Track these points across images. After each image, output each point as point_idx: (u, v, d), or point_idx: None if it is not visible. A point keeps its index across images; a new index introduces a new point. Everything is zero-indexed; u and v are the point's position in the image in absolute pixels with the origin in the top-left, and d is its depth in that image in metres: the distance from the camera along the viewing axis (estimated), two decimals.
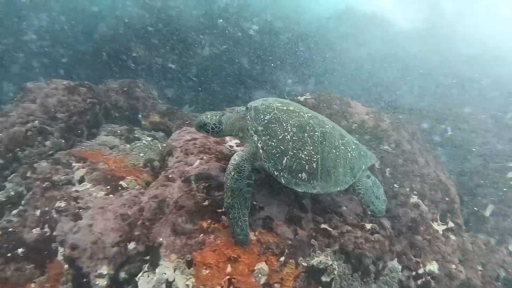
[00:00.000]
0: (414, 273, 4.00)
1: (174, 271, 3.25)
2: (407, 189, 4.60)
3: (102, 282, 3.44)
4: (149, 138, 5.84)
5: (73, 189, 4.09)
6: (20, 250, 3.53)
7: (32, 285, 3.38)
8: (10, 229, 3.75)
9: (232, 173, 3.30)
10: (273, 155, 3.34)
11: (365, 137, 4.73)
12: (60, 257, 3.52)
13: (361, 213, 4.06)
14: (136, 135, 5.84)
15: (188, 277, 3.22)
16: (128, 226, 3.66)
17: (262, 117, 3.46)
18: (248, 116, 3.54)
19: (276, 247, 3.38)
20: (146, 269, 3.39)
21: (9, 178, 4.62)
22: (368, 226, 3.92)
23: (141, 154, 5.24)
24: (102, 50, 8.50)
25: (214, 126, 3.61)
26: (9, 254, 3.50)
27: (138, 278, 3.36)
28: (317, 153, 3.45)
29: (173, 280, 3.22)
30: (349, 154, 3.73)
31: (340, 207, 3.98)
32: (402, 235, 4.16)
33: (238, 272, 3.23)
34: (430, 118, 6.00)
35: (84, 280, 3.45)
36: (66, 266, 3.48)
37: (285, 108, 3.55)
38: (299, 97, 5.21)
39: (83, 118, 5.43)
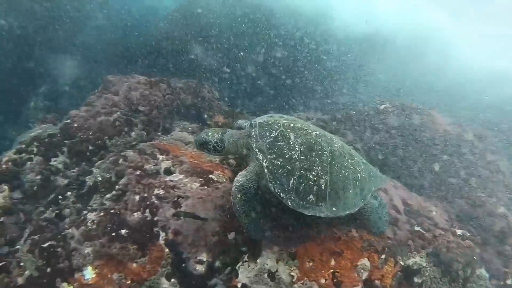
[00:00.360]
0: (502, 283, 3.98)
1: (277, 262, 3.33)
2: (494, 199, 4.61)
3: (201, 268, 3.55)
4: None
5: (168, 179, 4.24)
6: (123, 231, 3.68)
7: (134, 264, 3.51)
8: (112, 211, 3.91)
9: (239, 196, 3.13)
10: (279, 175, 3.10)
11: (449, 147, 4.78)
12: (161, 241, 3.64)
13: (449, 218, 4.09)
14: None
15: (292, 268, 3.30)
16: (228, 217, 3.78)
17: (267, 134, 3.25)
18: (253, 133, 3.33)
19: (378, 245, 3.45)
20: (246, 259, 3.48)
21: (96, 164, 4.83)
22: (459, 231, 3.94)
23: None
24: (162, 49, 8.81)
25: (216, 145, 3.39)
26: (113, 234, 3.66)
27: (238, 267, 3.45)
28: (326, 173, 3.20)
29: (276, 271, 3.31)
30: (358, 175, 3.46)
31: (430, 211, 4.02)
32: (490, 244, 4.16)
33: (342, 266, 3.31)
34: (502, 132, 6.01)
35: (183, 265, 3.57)
36: (166, 250, 3.60)
37: (291, 125, 3.34)
38: (378, 106, 5.28)
39: (161, 113, 5.64)
